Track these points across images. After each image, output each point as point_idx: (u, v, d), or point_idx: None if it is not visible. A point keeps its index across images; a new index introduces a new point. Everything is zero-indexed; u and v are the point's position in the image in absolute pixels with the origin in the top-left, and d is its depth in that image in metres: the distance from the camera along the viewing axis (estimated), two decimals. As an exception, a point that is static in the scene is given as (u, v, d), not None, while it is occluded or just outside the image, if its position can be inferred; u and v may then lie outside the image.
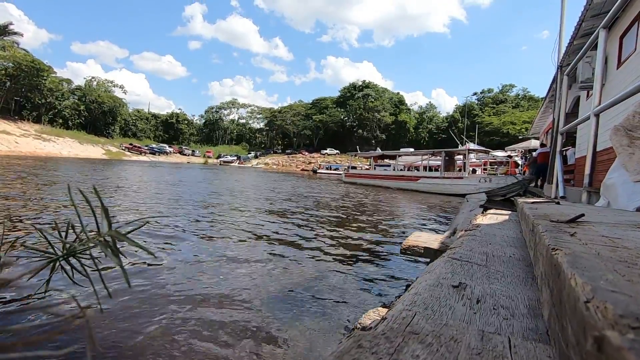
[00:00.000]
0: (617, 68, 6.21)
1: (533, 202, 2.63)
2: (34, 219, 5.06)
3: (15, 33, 52.31)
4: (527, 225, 1.65)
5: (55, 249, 0.34)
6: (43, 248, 0.35)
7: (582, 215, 1.35)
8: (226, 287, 3.00)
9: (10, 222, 4.64)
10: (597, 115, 3.47)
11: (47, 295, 2.28)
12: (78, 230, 0.37)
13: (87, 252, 0.34)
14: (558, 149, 5.09)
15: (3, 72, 47.34)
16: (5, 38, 50.08)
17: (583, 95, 8.60)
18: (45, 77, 51.52)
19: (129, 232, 0.35)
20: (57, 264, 0.34)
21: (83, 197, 0.36)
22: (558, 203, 2.62)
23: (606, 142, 4.68)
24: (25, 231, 4.26)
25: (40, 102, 52.83)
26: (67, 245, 0.33)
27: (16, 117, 50.34)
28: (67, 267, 0.35)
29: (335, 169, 47.44)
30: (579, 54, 4.44)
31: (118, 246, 0.34)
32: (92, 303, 2.25)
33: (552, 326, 0.65)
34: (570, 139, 11.42)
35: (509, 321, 0.76)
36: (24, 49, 52.74)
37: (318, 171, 47.61)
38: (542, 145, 13.39)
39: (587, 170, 3.54)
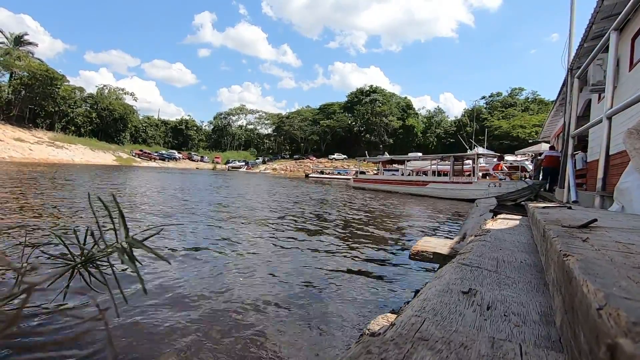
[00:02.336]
0: (629, 70, 6.12)
1: (544, 207, 2.60)
2: (54, 225, 5.16)
3: (30, 43, 53.96)
4: (538, 230, 1.63)
5: (75, 255, 0.36)
6: (64, 254, 0.37)
7: (595, 220, 1.33)
8: (237, 291, 3.01)
9: (32, 229, 4.74)
10: (609, 118, 3.42)
11: (70, 299, 2.32)
12: (97, 237, 0.38)
13: (105, 258, 0.36)
14: (569, 152, 5.02)
15: (18, 81, 48.68)
16: (20, 48, 51.61)
17: (594, 98, 8.48)
18: (58, 86, 52.83)
19: (144, 240, 0.36)
20: (76, 270, 0.35)
21: (102, 205, 0.37)
22: (570, 208, 2.58)
23: (619, 146, 4.60)
24: (47, 237, 4.35)
25: (53, 110, 54.10)
26: (86, 252, 0.35)
27: (30, 125, 51.60)
28: (86, 273, 0.36)
29: (328, 173, 50.17)
30: (590, 56, 4.39)
31: (134, 253, 0.35)
32: (109, 307, 2.28)
33: (564, 333, 0.65)
34: (581, 142, 11.23)
35: (521, 328, 0.75)
36: (39, 59, 54.33)
37: (310, 175, 49.69)
38: (552, 148, 13.15)
39: (600, 174, 3.48)
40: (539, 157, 13.11)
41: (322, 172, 51.67)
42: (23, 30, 67.52)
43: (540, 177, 13.46)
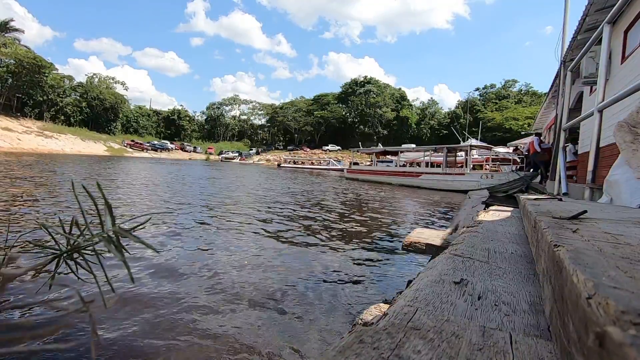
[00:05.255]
0: (622, 63, 6.15)
1: (535, 199, 2.63)
2: (39, 215, 5.09)
3: (16, 29, 52.31)
4: (529, 221, 1.65)
5: (60, 245, 0.35)
6: (48, 244, 0.35)
7: (585, 211, 1.34)
8: (228, 282, 3.01)
9: (15, 219, 4.67)
10: (600, 111, 3.45)
11: (54, 289, 2.30)
12: (82, 227, 0.37)
13: (91, 248, 0.35)
14: (561, 145, 5.07)
15: (5, 69, 47.38)
16: (6, 35, 50.07)
17: (586, 90, 8.54)
18: (46, 74, 51.55)
19: (132, 229, 0.35)
20: (61, 259, 0.34)
21: (87, 193, 0.36)
22: (560, 199, 2.61)
23: (609, 138, 4.66)
24: (31, 227, 4.29)
25: (42, 99, 52.91)
26: (71, 241, 0.34)
27: (18, 114, 50.42)
28: (71, 263, 0.35)
29: (302, 163, 52.34)
30: (583, 49, 4.41)
31: (122, 242, 0.34)
32: (95, 298, 2.26)
33: (553, 322, 0.65)
34: (572, 134, 11.34)
35: (511, 317, 0.76)
36: (26, 46, 52.76)
37: (282, 165, 51.52)
38: (537, 134, 13.25)
39: (590, 167, 3.53)
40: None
41: (295, 162, 53.37)
42: (10, 16, 65.22)
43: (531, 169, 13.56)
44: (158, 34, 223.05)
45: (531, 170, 13.88)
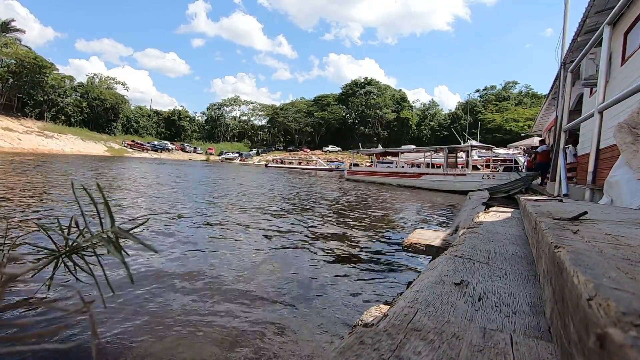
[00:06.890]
0: (622, 65, 6.16)
1: (536, 200, 2.62)
2: (39, 215, 5.09)
3: (17, 30, 52.45)
4: (529, 222, 1.65)
5: (59, 246, 0.35)
6: (47, 245, 0.35)
7: (585, 212, 1.34)
8: (228, 282, 3.01)
9: (15, 219, 4.67)
10: (601, 113, 3.45)
11: (53, 290, 2.30)
12: (81, 227, 0.37)
13: (91, 248, 0.35)
14: (561, 146, 5.07)
15: (5, 69, 47.47)
16: (7, 35, 50.16)
17: (586, 92, 8.55)
18: (47, 74, 51.66)
19: (131, 229, 0.35)
20: (60, 260, 0.34)
21: (87, 194, 0.36)
22: (561, 200, 2.61)
23: (609, 140, 4.66)
24: (32, 228, 4.29)
25: (42, 99, 53.01)
26: (70, 242, 0.34)
27: (19, 114, 50.49)
28: (72, 262, 0.35)
29: (289, 163, 54.21)
30: (583, 50, 4.41)
31: (121, 242, 0.34)
32: (95, 298, 2.26)
33: (554, 323, 0.65)
34: (572, 136, 11.36)
35: (511, 318, 0.76)
36: (27, 46, 52.88)
37: (269, 165, 52.74)
38: (542, 142, 13.34)
39: (591, 168, 3.53)
40: (538, 150, 13.18)
41: (282, 162, 54.76)
42: (12, 17, 65.33)
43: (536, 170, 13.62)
44: (159, 35, 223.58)
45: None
